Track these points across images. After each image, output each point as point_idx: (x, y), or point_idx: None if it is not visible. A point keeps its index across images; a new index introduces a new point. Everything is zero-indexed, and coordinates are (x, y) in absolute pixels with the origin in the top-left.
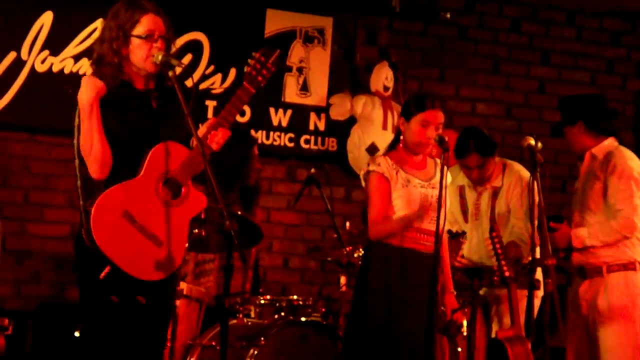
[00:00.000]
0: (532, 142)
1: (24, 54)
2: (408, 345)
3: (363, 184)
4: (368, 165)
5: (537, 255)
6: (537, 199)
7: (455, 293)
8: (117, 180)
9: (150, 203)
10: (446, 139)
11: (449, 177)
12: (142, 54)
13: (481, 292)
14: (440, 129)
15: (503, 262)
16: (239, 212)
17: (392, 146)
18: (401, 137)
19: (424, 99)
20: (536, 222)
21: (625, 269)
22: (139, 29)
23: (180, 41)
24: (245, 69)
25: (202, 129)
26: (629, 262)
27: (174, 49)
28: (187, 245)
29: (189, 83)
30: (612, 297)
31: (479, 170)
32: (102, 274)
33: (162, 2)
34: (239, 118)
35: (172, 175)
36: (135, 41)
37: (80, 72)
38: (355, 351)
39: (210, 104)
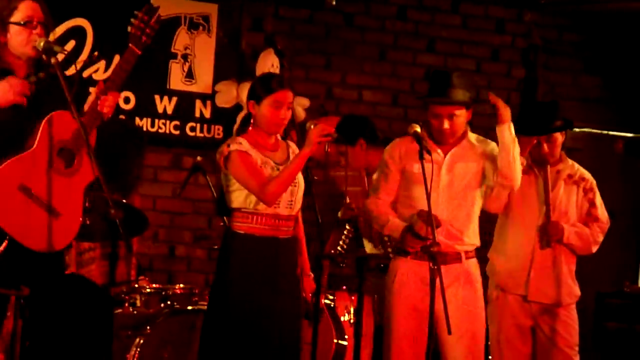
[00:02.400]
0: (419, 129)
1: None
2: (277, 334)
3: (223, 167)
4: (228, 146)
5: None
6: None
7: (312, 276)
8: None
9: (45, 174)
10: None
11: None
12: (21, 40)
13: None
14: (290, 108)
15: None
16: (124, 200)
17: (243, 129)
18: (252, 121)
19: (271, 79)
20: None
21: None
22: (17, 16)
23: (63, 28)
24: (129, 29)
25: (91, 95)
26: None
27: (52, 36)
28: (82, 213)
29: (73, 70)
30: None
31: None
32: (0, 248)
33: None
34: (123, 105)
35: (64, 145)
36: (13, 28)
37: None
38: (219, 346)
39: (94, 91)
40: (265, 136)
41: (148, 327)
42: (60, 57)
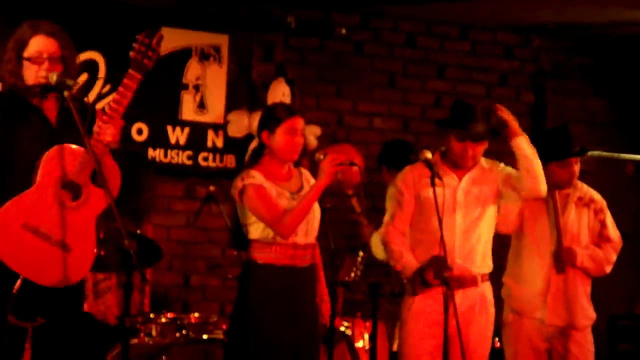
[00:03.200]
0: (430, 155)
1: None
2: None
3: (238, 201)
4: (242, 180)
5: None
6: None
7: (329, 302)
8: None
9: (51, 210)
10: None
11: None
12: (29, 75)
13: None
14: (302, 134)
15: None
16: (137, 231)
17: (255, 161)
18: (264, 151)
19: (283, 107)
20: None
21: None
22: (28, 51)
23: None
24: (130, 54)
25: (95, 126)
26: None
27: (75, 67)
28: (96, 244)
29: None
30: None
31: None
32: (15, 288)
33: (55, 21)
34: (136, 136)
35: (69, 177)
36: (25, 63)
37: None
38: None
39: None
40: (279, 166)
41: (164, 357)
42: (75, 88)
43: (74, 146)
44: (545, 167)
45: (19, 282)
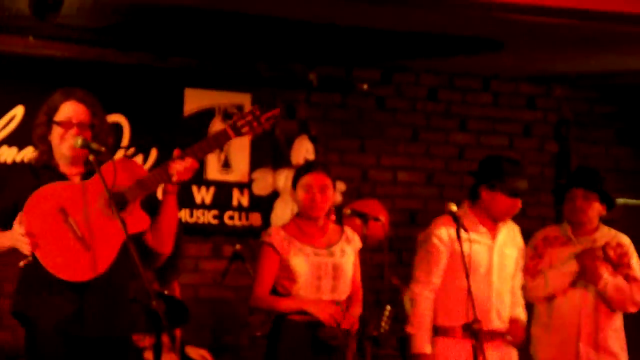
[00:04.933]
0: (455, 207)
1: None
2: None
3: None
4: (262, 236)
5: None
6: (465, 262)
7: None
8: None
9: (90, 208)
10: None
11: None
12: (56, 140)
13: None
14: (325, 190)
15: None
16: (165, 292)
17: (293, 217)
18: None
19: (303, 165)
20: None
21: None
22: (59, 115)
23: None
24: (234, 117)
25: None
26: None
27: (105, 132)
28: (113, 259)
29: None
30: None
31: None
32: (22, 263)
33: (79, 86)
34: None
35: (121, 189)
36: (55, 127)
37: (1, 160)
38: None
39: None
40: (308, 222)
41: None
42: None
43: (138, 165)
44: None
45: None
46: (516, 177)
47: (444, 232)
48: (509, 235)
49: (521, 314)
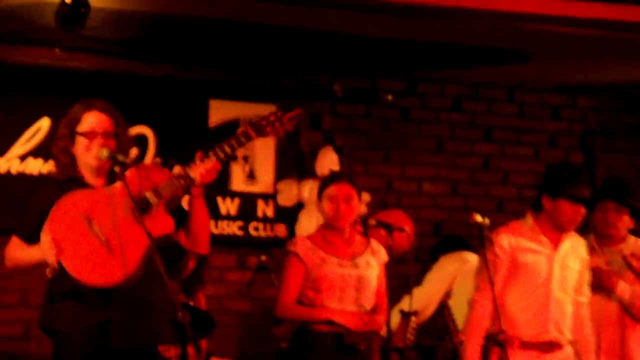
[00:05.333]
0: (480, 218)
1: None
2: None
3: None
4: (287, 245)
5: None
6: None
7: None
8: None
9: (113, 212)
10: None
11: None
12: (81, 150)
13: None
14: (349, 201)
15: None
16: (191, 303)
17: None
18: None
19: (328, 175)
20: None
21: None
22: (81, 127)
23: None
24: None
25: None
26: None
27: (128, 142)
28: (138, 263)
29: None
30: None
31: None
32: (48, 272)
33: (105, 99)
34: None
35: (144, 194)
36: (78, 138)
37: (27, 172)
38: None
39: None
40: (333, 233)
41: None
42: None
43: (164, 170)
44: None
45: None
46: (578, 184)
47: (505, 240)
48: (573, 248)
49: (588, 334)
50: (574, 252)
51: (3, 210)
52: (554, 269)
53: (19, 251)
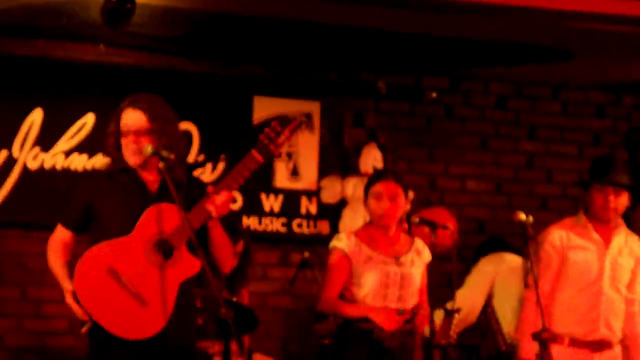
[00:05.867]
0: (523, 216)
1: (15, 152)
2: None
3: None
4: (332, 241)
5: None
6: (534, 272)
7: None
8: None
9: (138, 262)
10: None
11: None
12: (123, 147)
13: None
14: (395, 198)
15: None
16: (234, 299)
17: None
18: None
19: (374, 173)
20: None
21: None
22: (120, 124)
23: None
24: (259, 136)
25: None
26: None
27: (175, 137)
28: (172, 308)
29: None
30: None
31: None
32: (84, 329)
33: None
34: (231, 205)
35: (165, 237)
36: (121, 135)
37: (72, 167)
38: None
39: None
40: (379, 230)
41: None
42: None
43: (177, 209)
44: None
45: (88, 324)
46: (609, 170)
47: (556, 238)
48: (626, 245)
49: None
50: (627, 249)
51: (48, 205)
52: (605, 266)
53: (53, 260)
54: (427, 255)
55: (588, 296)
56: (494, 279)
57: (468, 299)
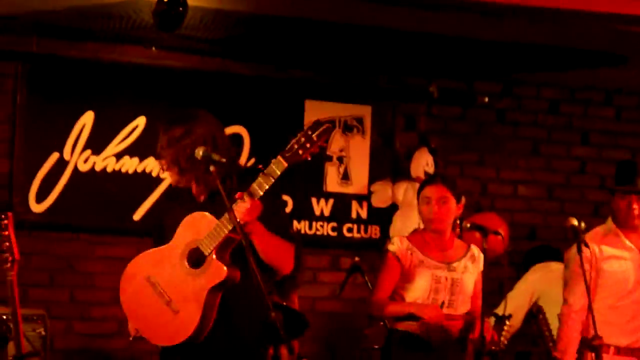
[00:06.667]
0: (576, 222)
1: (66, 155)
2: None
3: None
4: (386, 244)
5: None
6: (587, 279)
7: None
8: None
9: (172, 270)
10: None
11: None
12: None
13: None
14: (444, 203)
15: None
16: (284, 303)
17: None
18: None
19: (426, 177)
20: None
21: None
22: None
23: None
24: (291, 140)
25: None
26: None
27: (222, 144)
28: (200, 314)
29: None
30: None
31: None
32: (130, 337)
33: (200, 97)
34: None
35: (197, 245)
36: None
37: (122, 170)
38: None
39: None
40: (433, 235)
41: None
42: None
43: (210, 217)
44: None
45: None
46: (633, 176)
47: (588, 251)
48: None
49: None
50: None
51: (98, 208)
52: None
53: None
54: (482, 263)
55: (628, 305)
56: (538, 288)
57: (511, 305)
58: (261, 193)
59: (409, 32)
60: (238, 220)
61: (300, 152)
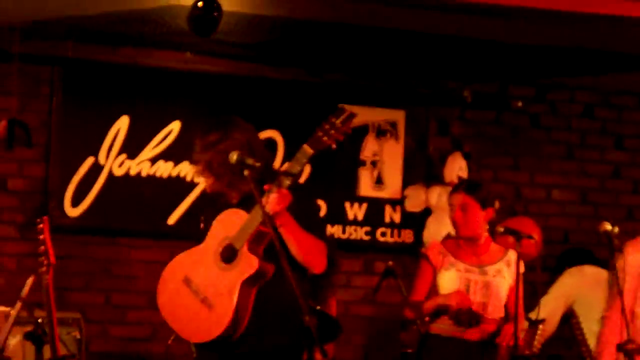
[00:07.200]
0: (609, 227)
1: (101, 159)
2: None
3: None
4: (422, 248)
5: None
6: (622, 284)
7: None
8: None
9: (207, 268)
10: None
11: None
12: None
13: None
14: (466, 209)
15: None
16: (318, 307)
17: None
18: None
19: (455, 185)
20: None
21: None
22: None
23: None
24: (316, 130)
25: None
26: None
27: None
28: (234, 309)
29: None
30: None
31: None
32: (170, 341)
33: (234, 102)
34: None
35: (229, 240)
36: None
37: (157, 175)
38: None
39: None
40: (466, 240)
41: None
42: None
43: (242, 212)
44: None
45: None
46: None
47: (630, 257)
48: None
49: None
50: None
51: (133, 212)
52: None
53: None
54: (520, 268)
55: None
56: (573, 292)
57: (545, 310)
58: (288, 182)
59: (442, 36)
60: (267, 210)
61: (325, 139)
